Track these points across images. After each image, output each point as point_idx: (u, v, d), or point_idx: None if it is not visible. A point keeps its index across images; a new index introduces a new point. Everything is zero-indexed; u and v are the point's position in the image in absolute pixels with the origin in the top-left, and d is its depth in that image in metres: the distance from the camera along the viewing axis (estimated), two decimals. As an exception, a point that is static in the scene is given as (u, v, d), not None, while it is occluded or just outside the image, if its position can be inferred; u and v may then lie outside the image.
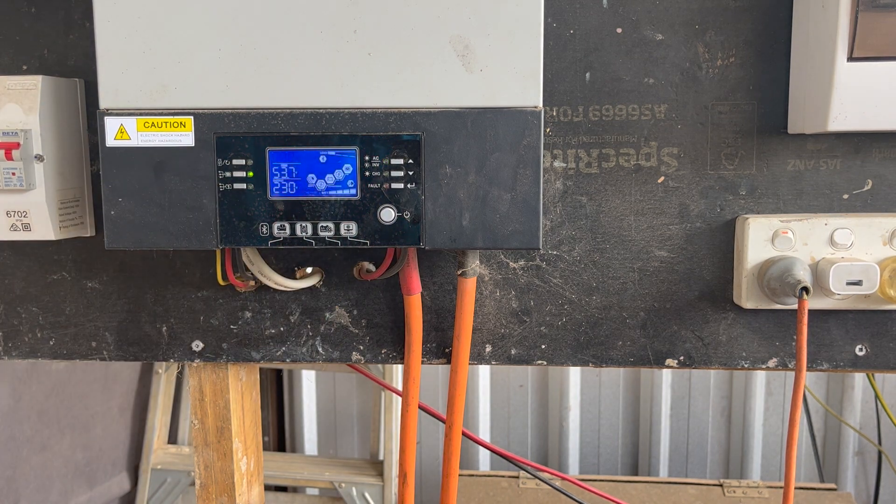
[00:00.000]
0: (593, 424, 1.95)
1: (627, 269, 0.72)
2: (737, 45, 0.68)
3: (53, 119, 0.68)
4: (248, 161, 0.60)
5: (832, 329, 0.71)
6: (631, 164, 0.70)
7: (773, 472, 1.92)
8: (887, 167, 0.69)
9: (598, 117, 0.70)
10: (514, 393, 1.96)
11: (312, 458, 1.82)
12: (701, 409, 1.92)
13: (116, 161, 0.61)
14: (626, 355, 0.73)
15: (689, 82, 0.69)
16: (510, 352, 0.73)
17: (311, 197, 0.60)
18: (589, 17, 0.69)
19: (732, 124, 0.69)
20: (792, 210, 0.70)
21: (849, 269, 0.64)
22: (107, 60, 0.60)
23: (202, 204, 0.61)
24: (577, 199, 0.71)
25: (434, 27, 0.59)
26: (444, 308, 0.73)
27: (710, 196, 0.70)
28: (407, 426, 0.72)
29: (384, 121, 0.60)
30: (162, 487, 1.75)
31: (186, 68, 0.60)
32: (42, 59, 0.73)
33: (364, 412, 2.01)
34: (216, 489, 0.75)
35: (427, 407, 0.78)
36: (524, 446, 1.98)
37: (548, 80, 0.69)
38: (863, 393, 1.84)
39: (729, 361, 0.72)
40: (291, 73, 0.60)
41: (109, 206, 0.61)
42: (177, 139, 0.60)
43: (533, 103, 0.59)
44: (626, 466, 1.98)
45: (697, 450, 1.93)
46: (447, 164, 0.60)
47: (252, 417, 0.78)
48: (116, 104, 0.60)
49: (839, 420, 1.84)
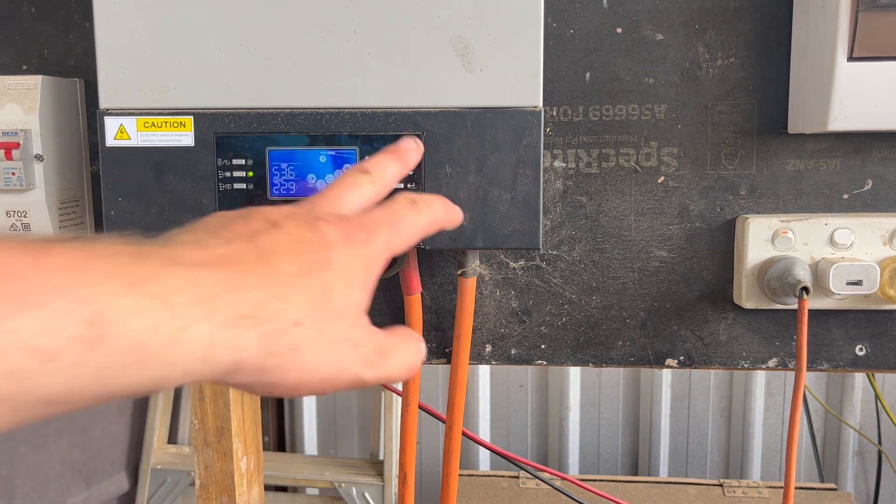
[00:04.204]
0: (593, 424, 1.95)
1: (627, 269, 0.72)
2: (737, 45, 0.68)
3: (53, 119, 0.68)
4: (248, 161, 0.60)
5: (832, 329, 0.71)
6: (631, 163, 0.70)
7: (773, 472, 1.92)
8: (887, 167, 0.69)
9: (598, 117, 0.70)
10: (514, 393, 1.96)
11: (312, 458, 1.82)
12: (701, 409, 1.92)
13: (116, 161, 0.61)
14: (626, 355, 0.73)
15: (689, 82, 0.69)
16: (510, 352, 0.73)
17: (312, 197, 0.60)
18: (589, 17, 0.69)
19: (732, 124, 0.69)
20: (792, 210, 0.70)
21: (849, 268, 0.64)
22: (107, 60, 0.60)
23: (202, 204, 0.61)
24: (577, 199, 0.71)
25: (434, 27, 0.59)
26: (444, 308, 0.73)
27: (710, 196, 0.70)
28: (407, 426, 0.72)
29: (384, 121, 0.60)
30: (162, 487, 1.75)
31: (186, 68, 0.60)
32: (42, 58, 0.73)
33: (364, 412, 2.01)
34: (216, 489, 0.75)
35: (427, 407, 0.78)
36: (524, 446, 1.98)
37: (548, 80, 0.69)
38: (863, 393, 1.84)
39: (729, 361, 0.72)
40: (291, 73, 0.60)
41: (109, 206, 0.61)
42: (177, 139, 0.60)
43: (533, 103, 0.59)
44: (626, 466, 1.98)
45: (697, 450, 1.94)
46: (447, 164, 0.60)
47: (252, 417, 0.78)
48: (116, 104, 0.60)
49: (839, 420, 1.84)
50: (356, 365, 0.40)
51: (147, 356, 0.32)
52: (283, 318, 0.37)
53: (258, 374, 0.37)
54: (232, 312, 0.35)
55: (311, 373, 0.38)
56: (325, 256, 0.40)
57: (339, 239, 0.41)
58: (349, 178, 0.47)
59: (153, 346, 0.32)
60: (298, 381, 0.38)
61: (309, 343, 0.38)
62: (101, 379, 0.31)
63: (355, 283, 0.41)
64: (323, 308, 0.39)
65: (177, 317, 0.33)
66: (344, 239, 0.41)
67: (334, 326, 0.39)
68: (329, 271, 0.40)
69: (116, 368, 0.31)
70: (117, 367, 0.31)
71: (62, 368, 0.30)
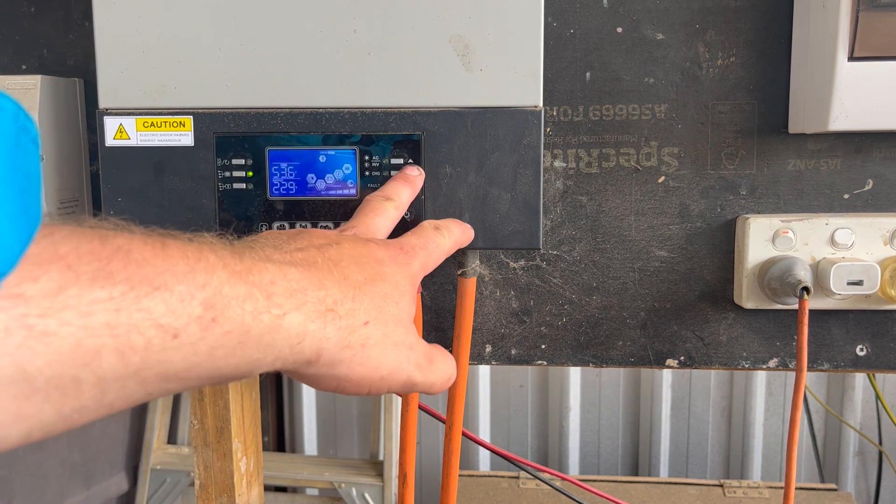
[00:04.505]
0: (593, 425, 1.95)
1: (628, 269, 0.71)
2: (737, 44, 0.68)
3: (53, 119, 0.68)
4: (247, 161, 0.60)
5: (833, 329, 0.71)
6: (631, 163, 0.70)
7: (774, 473, 1.91)
8: (888, 167, 0.69)
9: (599, 117, 0.70)
10: (514, 393, 1.96)
11: (312, 459, 1.82)
12: (701, 409, 1.92)
13: (115, 161, 0.61)
14: (627, 355, 0.73)
15: (689, 82, 0.69)
16: (510, 352, 0.73)
17: (311, 197, 0.60)
18: (589, 16, 0.69)
19: (733, 124, 0.69)
20: (792, 210, 0.70)
21: (849, 268, 0.64)
22: (106, 60, 0.60)
23: (201, 204, 0.61)
24: (578, 199, 0.71)
25: (434, 27, 0.59)
26: (444, 308, 0.73)
27: (711, 196, 0.70)
28: (407, 426, 0.72)
29: (384, 120, 0.60)
30: (161, 488, 1.75)
31: (186, 68, 0.60)
32: (41, 58, 0.73)
33: (364, 412, 2.01)
34: (216, 489, 0.75)
35: (427, 407, 0.78)
36: (524, 446, 1.98)
37: (548, 80, 0.69)
38: (863, 393, 1.83)
39: (729, 361, 0.72)
40: (291, 72, 0.59)
41: (109, 205, 0.61)
42: (176, 139, 0.60)
43: (533, 103, 0.59)
44: (626, 467, 1.98)
45: (698, 450, 1.93)
46: (447, 164, 0.60)
47: (252, 418, 0.78)
48: (116, 104, 0.60)
49: (840, 420, 1.84)
50: (410, 367, 0.45)
51: (249, 339, 0.36)
52: (356, 316, 0.42)
53: (332, 367, 0.41)
54: (319, 306, 0.40)
55: (375, 370, 0.43)
56: (381, 271, 0.46)
57: (388, 258, 0.47)
58: (377, 205, 0.55)
59: (255, 330, 0.36)
60: (363, 376, 0.43)
61: (374, 341, 0.43)
62: (213, 358, 0.35)
63: (406, 294, 0.46)
64: (384, 312, 0.44)
65: (274, 305, 0.38)
66: (391, 258, 0.48)
67: (394, 329, 0.44)
68: (385, 283, 0.45)
69: (225, 349, 0.35)
70: (226, 347, 0.35)
71: (183, 346, 0.33)
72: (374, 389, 0.44)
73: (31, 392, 0.29)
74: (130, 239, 0.34)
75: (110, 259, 0.32)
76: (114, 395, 0.32)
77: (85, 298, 0.30)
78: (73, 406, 0.31)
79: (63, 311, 0.29)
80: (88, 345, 0.30)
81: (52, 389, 0.30)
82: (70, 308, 0.30)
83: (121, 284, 0.31)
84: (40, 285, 0.29)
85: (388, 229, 0.54)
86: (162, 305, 0.33)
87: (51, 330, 0.29)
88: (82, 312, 0.30)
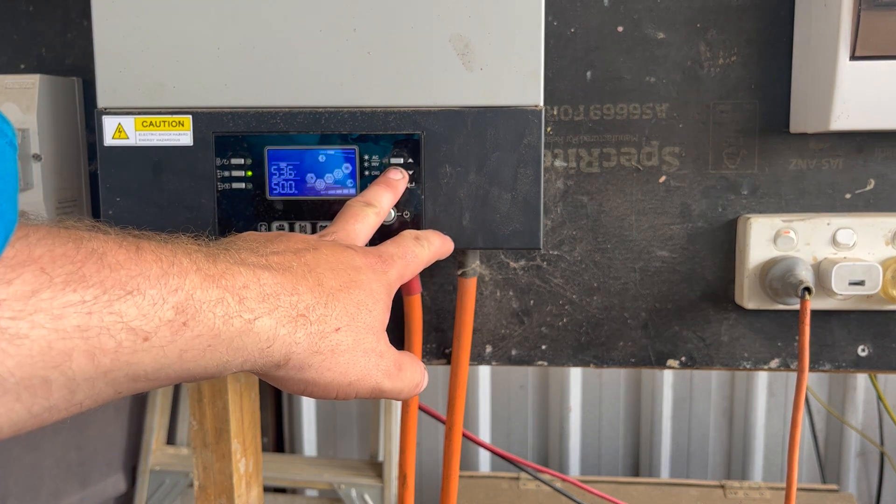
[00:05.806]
0: (594, 425, 1.95)
1: (629, 269, 0.71)
2: (738, 43, 0.68)
3: (51, 118, 0.68)
4: (246, 160, 0.60)
5: (834, 329, 0.70)
6: (632, 163, 0.70)
7: (775, 474, 1.91)
8: (890, 166, 0.68)
9: (600, 116, 0.69)
10: (514, 394, 1.96)
11: (312, 460, 1.82)
12: (702, 409, 1.92)
13: (114, 160, 0.60)
14: (628, 356, 0.72)
15: (690, 81, 0.68)
16: (511, 352, 0.73)
17: (311, 196, 0.60)
18: (590, 15, 0.68)
19: (734, 123, 0.69)
20: (794, 210, 0.69)
21: (851, 269, 0.64)
22: (105, 59, 0.59)
23: (201, 203, 0.60)
24: (578, 199, 0.71)
25: (434, 26, 0.58)
26: (444, 308, 0.73)
27: (712, 196, 0.70)
28: (407, 427, 0.71)
29: (384, 120, 0.59)
30: (160, 488, 1.75)
31: (185, 67, 0.59)
32: (40, 57, 0.73)
33: (364, 413, 2.01)
34: (215, 490, 0.75)
35: (427, 408, 0.78)
36: (525, 447, 1.97)
37: (548, 79, 0.69)
38: (865, 394, 1.83)
39: (731, 362, 0.72)
40: (290, 72, 0.59)
41: (107, 205, 0.61)
42: (175, 138, 0.60)
43: (534, 102, 0.59)
44: (627, 467, 1.97)
45: (699, 451, 1.93)
46: (447, 164, 0.60)
47: (251, 418, 0.77)
48: (114, 103, 0.60)
49: (841, 421, 1.84)
50: (378, 374, 0.46)
51: (219, 342, 0.37)
52: (328, 322, 0.43)
53: (300, 370, 0.42)
54: (291, 311, 0.41)
55: (343, 375, 0.44)
56: (357, 278, 0.46)
57: (365, 266, 0.48)
58: (357, 210, 0.55)
59: (225, 333, 0.37)
60: (330, 380, 0.43)
61: (344, 347, 0.44)
62: (182, 360, 0.36)
63: (380, 302, 0.47)
64: (356, 320, 0.45)
65: (246, 309, 0.38)
66: (368, 266, 0.48)
67: (364, 337, 0.45)
68: (360, 290, 0.46)
69: (195, 351, 0.36)
70: (196, 350, 0.36)
71: (153, 348, 0.34)
72: (342, 394, 0.45)
73: (2, 392, 0.30)
74: (105, 242, 0.34)
75: (84, 262, 0.32)
76: (83, 395, 0.33)
77: (57, 301, 0.31)
78: (43, 405, 0.32)
79: (35, 315, 0.30)
80: (59, 347, 0.31)
81: (22, 390, 0.30)
82: (42, 311, 0.30)
83: (93, 288, 0.32)
84: (13, 288, 0.30)
85: (367, 235, 0.55)
86: (134, 309, 0.33)
87: (22, 332, 0.30)
88: (54, 315, 0.30)
